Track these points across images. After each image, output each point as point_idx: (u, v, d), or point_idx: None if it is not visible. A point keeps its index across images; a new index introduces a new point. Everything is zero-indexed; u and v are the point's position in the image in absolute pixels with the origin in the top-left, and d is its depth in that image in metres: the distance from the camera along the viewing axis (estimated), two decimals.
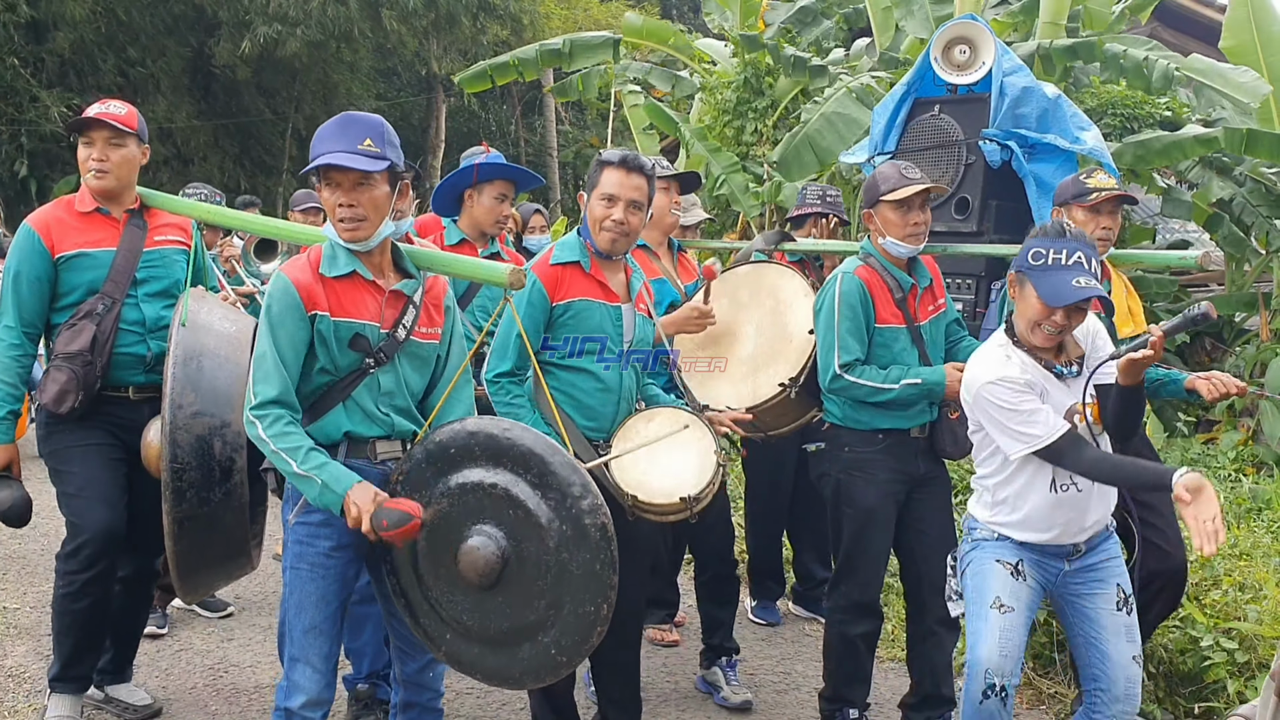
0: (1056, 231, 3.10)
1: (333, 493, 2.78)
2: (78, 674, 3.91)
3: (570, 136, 23.60)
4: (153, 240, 3.85)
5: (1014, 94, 5.03)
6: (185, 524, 3.14)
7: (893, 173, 3.84)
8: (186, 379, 3.22)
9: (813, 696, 4.26)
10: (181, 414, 3.16)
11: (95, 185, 3.75)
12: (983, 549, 3.29)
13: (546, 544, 2.84)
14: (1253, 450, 6.98)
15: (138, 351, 3.77)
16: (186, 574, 3.26)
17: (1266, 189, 8.10)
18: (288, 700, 2.93)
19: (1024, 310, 3.12)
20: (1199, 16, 12.06)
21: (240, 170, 16.60)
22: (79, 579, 3.73)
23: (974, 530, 3.34)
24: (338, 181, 2.86)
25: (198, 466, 3.15)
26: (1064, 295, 3.00)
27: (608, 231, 3.47)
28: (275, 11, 14.06)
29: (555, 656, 2.91)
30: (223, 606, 5.31)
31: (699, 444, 3.46)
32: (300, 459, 2.79)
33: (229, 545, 3.33)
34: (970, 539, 3.35)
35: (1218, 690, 4.09)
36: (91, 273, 3.73)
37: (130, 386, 3.79)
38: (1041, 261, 3.06)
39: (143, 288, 3.80)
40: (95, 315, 3.70)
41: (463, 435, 2.94)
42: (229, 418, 3.25)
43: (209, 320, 3.45)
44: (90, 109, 3.78)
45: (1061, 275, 3.02)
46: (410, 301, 3.01)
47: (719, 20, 11.26)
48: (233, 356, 3.37)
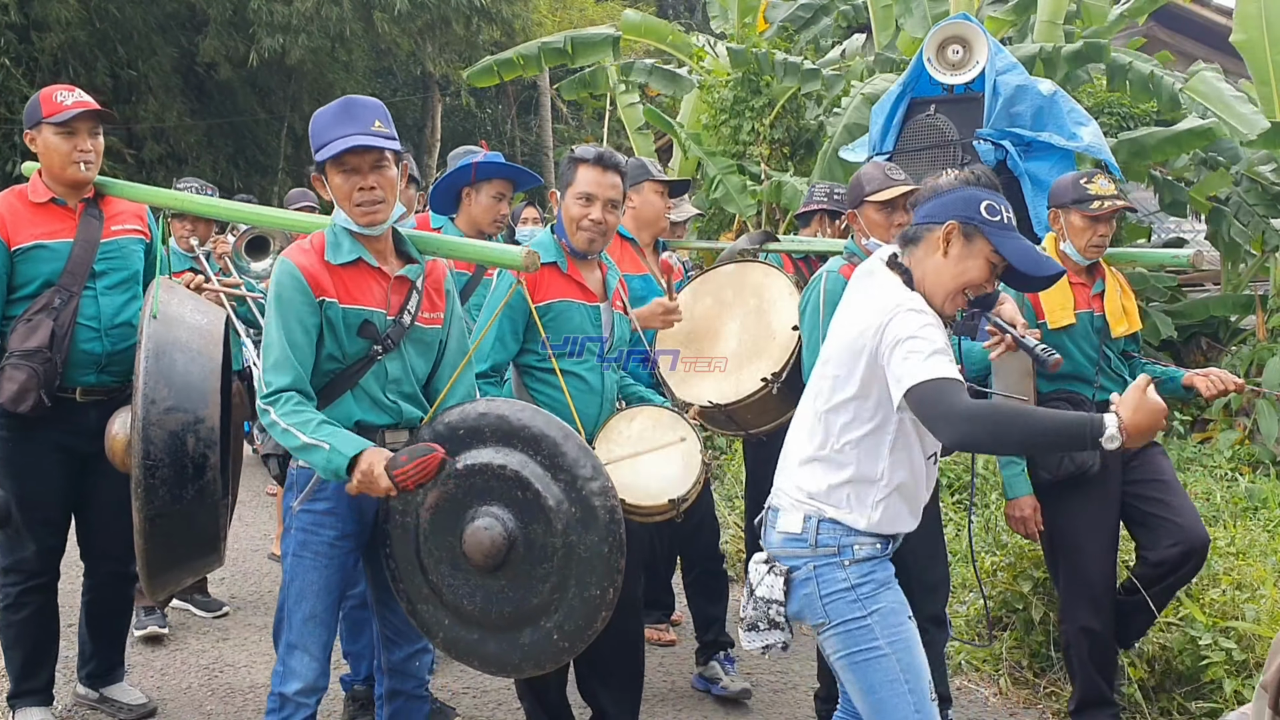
0: (992, 184, 2.66)
1: (340, 455, 2.71)
2: (35, 686, 3.87)
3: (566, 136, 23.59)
4: (110, 230, 3.76)
5: (1008, 93, 5.02)
6: (157, 521, 3.07)
7: (877, 174, 3.84)
8: (160, 373, 3.13)
9: (809, 696, 4.25)
10: (155, 409, 3.07)
11: (84, 176, 3.68)
12: (868, 574, 2.65)
13: (554, 526, 2.84)
14: (1249, 449, 6.98)
15: (92, 349, 3.68)
16: (156, 572, 3.20)
17: (1263, 188, 8.10)
18: (283, 685, 2.93)
19: (962, 269, 2.60)
20: (1196, 17, 12.06)
21: (235, 170, 16.55)
22: (14, 590, 3.75)
23: (836, 541, 2.65)
24: (355, 165, 2.85)
25: (171, 463, 3.07)
26: (1040, 263, 2.59)
27: (585, 231, 3.45)
28: (279, 22, 14.01)
29: (557, 642, 2.91)
30: (218, 606, 5.30)
31: (683, 444, 3.46)
32: (310, 430, 2.74)
33: (201, 543, 3.27)
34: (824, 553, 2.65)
35: (1214, 689, 4.09)
36: (49, 265, 3.64)
37: (79, 388, 3.69)
38: (998, 218, 2.59)
39: (101, 280, 3.71)
40: (52, 309, 3.61)
41: (472, 416, 2.93)
42: (203, 413, 3.17)
43: (180, 312, 3.34)
44: (58, 98, 3.65)
45: (1022, 241, 2.61)
46: (414, 287, 3.01)
47: (721, 20, 11.26)
48: (205, 350, 3.28)
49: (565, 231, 3.50)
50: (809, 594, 2.65)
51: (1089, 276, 4.01)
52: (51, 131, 3.64)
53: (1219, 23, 11.86)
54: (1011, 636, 4.75)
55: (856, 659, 2.63)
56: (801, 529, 2.66)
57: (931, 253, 2.64)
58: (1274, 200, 8.01)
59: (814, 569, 2.65)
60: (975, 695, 4.56)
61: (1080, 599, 3.95)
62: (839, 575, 2.63)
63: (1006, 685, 4.57)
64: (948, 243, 2.61)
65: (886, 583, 2.68)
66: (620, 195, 3.50)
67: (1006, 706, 4.46)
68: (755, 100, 9.68)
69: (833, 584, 2.63)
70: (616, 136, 12.09)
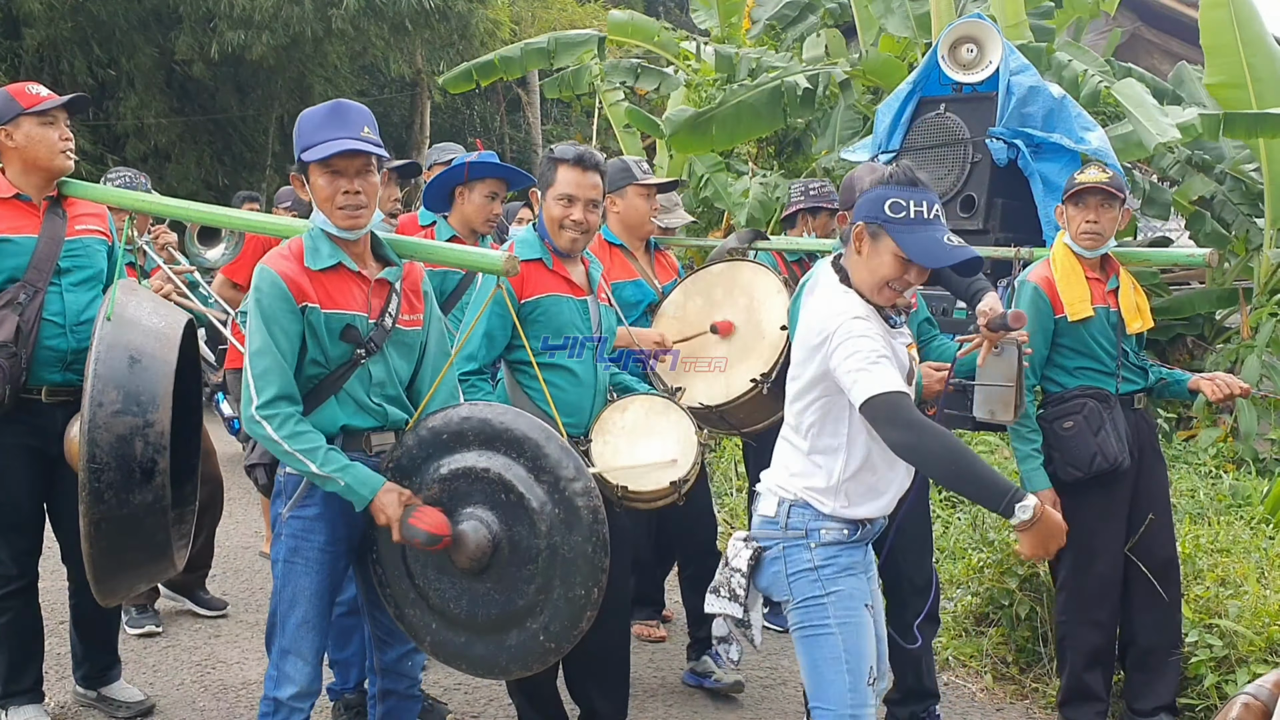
0: (909, 180, 2.75)
1: (359, 495, 2.82)
2: (24, 687, 3.86)
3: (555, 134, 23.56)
4: (73, 229, 3.76)
5: (1021, 93, 5.06)
6: (102, 525, 3.05)
7: (870, 178, 3.84)
8: (109, 376, 3.09)
9: (798, 692, 4.28)
10: (102, 412, 3.04)
11: (63, 166, 3.68)
12: (832, 557, 2.80)
13: (539, 527, 2.87)
14: (1232, 447, 7.05)
15: (58, 346, 3.66)
16: (103, 577, 3.17)
17: (1247, 187, 8.16)
18: (277, 690, 2.94)
19: (874, 266, 2.74)
20: (1182, 16, 12.11)
21: (220, 166, 16.43)
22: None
23: (804, 524, 2.81)
24: (341, 169, 2.87)
25: (117, 467, 3.04)
26: (939, 255, 2.69)
27: (568, 231, 3.50)
28: (240, 16, 13.92)
29: (544, 643, 2.93)
30: (221, 605, 5.28)
31: (677, 427, 3.52)
32: (320, 460, 2.80)
33: (149, 549, 3.23)
34: (793, 536, 2.82)
35: (1197, 684, 4.14)
36: (14, 259, 3.62)
37: (45, 387, 3.67)
38: (903, 214, 2.69)
39: (66, 277, 3.70)
40: (17, 305, 3.59)
41: (455, 421, 2.96)
42: (153, 418, 3.12)
43: (136, 315, 3.29)
44: (31, 90, 3.66)
45: (929, 232, 2.70)
46: (393, 289, 3.03)
47: (705, 16, 11.27)
48: (160, 354, 3.23)
49: (547, 231, 3.53)
50: (777, 571, 2.84)
51: (1103, 272, 4.04)
52: (35, 123, 3.63)
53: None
54: (998, 632, 4.80)
55: (806, 634, 2.82)
56: (775, 512, 2.86)
57: (853, 252, 2.81)
58: (1258, 198, 8.08)
59: (783, 549, 2.83)
60: (962, 690, 4.60)
61: (1088, 593, 3.97)
62: (804, 556, 2.81)
63: (993, 680, 4.62)
64: (860, 242, 2.77)
65: (849, 568, 2.83)
66: (600, 194, 3.54)
67: (993, 701, 4.50)
68: None
69: (798, 564, 2.81)
70: (604, 136, 12.07)
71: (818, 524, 2.81)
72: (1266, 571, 4.66)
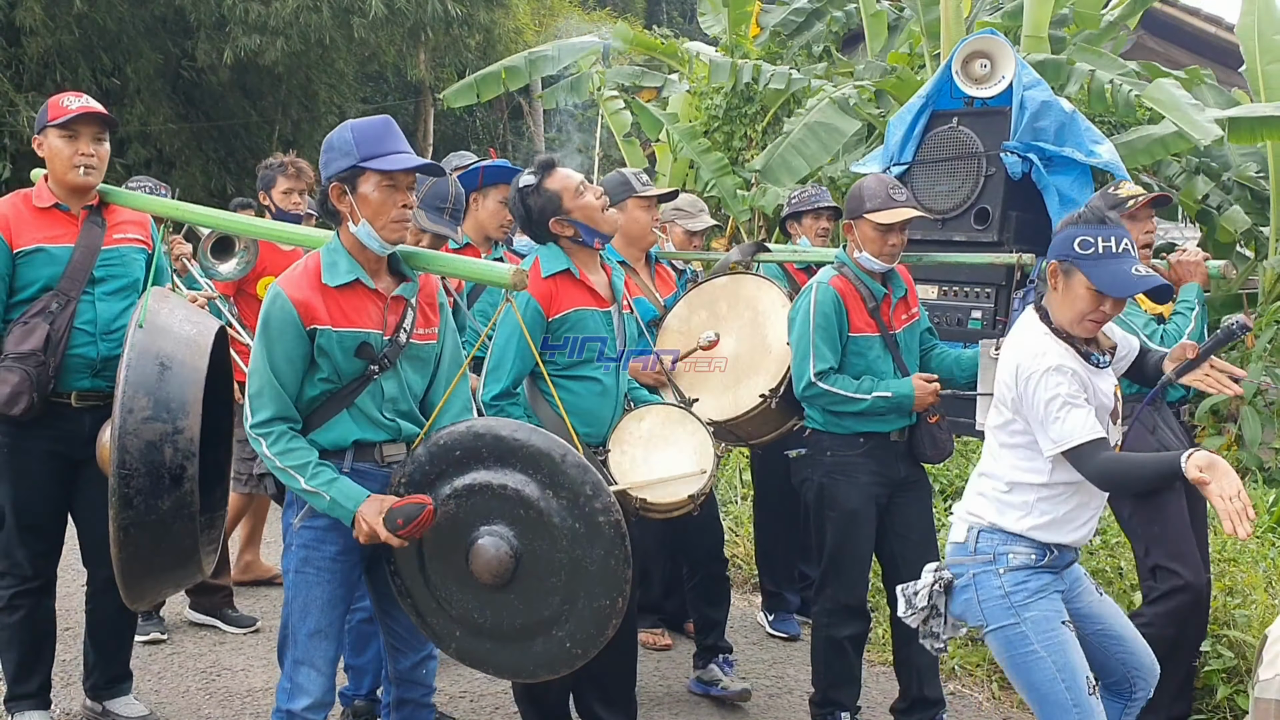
0: (1098, 219, 2.89)
1: (342, 508, 2.82)
2: (30, 690, 3.86)
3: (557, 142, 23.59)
4: (111, 238, 3.78)
5: (1034, 107, 5.10)
6: (131, 531, 3.08)
7: (880, 190, 3.85)
8: (140, 383, 3.14)
9: (804, 701, 4.27)
10: (132, 419, 3.09)
11: (84, 181, 3.69)
12: (1022, 582, 2.91)
13: (559, 542, 2.88)
14: (1236, 455, 7.03)
15: (87, 354, 3.69)
16: (131, 581, 3.20)
17: (1253, 193, 8.16)
18: (291, 702, 2.93)
19: (1070, 301, 2.88)
20: (1187, 26, 12.13)
21: (226, 173, 16.43)
22: (6, 593, 3.76)
23: (993, 549, 2.94)
24: (397, 183, 2.87)
25: (146, 473, 3.08)
26: (1127, 285, 2.82)
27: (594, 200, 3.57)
28: (255, 21, 13.93)
29: (570, 649, 2.96)
30: (251, 622, 5.18)
31: (694, 437, 3.54)
32: (307, 475, 2.81)
33: (177, 554, 3.27)
34: (981, 560, 2.95)
35: (1206, 695, 4.13)
36: (49, 269, 3.66)
37: (74, 393, 3.70)
38: (1091, 250, 2.84)
39: (100, 286, 3.73)
40: (49, 313, 3.63)
41: (469, 437, 2.95)
42: (182, 424, 3.17)
43: (168, 323, 3.34)
44: (64, 102, 3.70)
45: (1118, 264, 2.83)
46: (409, 304, 3.01)
47: (713, 23, 11.28)
48: (190, 361, 3.27)
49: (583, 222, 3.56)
50: (969, 599, 2.96)
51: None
52: (55, 135, 3.67)
53: (1209, 31, 11.95)
54: None
55: (1016, 662, 2.90)
56: (965, 538, 3.00)
57: (1051, 291, 2.94)
58: (1264, 204, 8.09)
59: (973, 576, 2.95)
60: (969, 700, 4.59)
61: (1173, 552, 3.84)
62: (994, 583, 2.91)
63: (998, 689, 4.61)
64: (1055, 279, 2.92)
65: (1041, 591, 2.90)
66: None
67: (999, 710, 4.49)
68: (748, 107, 9.72)
69: (989, 590, 2.92)
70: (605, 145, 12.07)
71: (1006, 548, 2.91)
72: (1274, 581, 4.66)
